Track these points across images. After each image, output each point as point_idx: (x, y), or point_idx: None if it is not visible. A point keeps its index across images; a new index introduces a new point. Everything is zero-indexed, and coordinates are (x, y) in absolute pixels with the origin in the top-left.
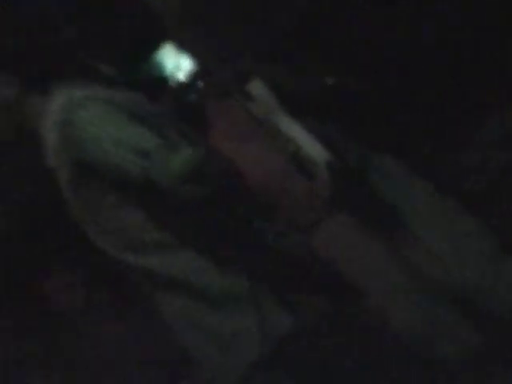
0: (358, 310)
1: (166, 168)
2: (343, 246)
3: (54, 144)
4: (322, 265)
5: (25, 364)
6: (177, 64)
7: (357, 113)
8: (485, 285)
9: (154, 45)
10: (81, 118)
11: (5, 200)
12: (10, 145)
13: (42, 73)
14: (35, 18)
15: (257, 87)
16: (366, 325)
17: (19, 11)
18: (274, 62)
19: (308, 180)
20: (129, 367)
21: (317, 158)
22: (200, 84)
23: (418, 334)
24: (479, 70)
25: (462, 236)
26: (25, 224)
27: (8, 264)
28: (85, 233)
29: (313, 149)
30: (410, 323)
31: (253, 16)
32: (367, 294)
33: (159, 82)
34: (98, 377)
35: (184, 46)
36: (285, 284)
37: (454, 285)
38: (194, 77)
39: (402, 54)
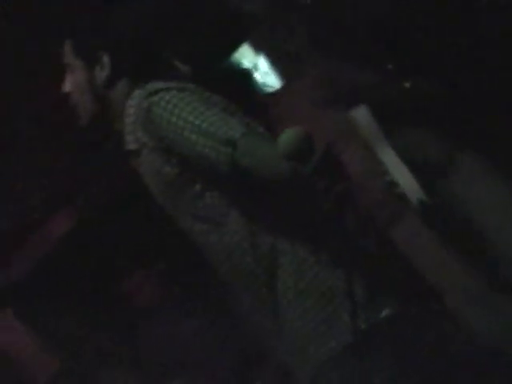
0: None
1: (258, 152)
2: (420, 243)
3: (133, 130)
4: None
5: (104, 361)
6: (254, 64)
7: (437, 114)
8: None
9: (235, 45)
10: (159, 106)
11: (85, 198)
12: (91, 133)
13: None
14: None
15: (362, 114)
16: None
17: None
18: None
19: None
20: (202, 364)
21: (410, 195)
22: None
23: (493, 334)
24: None
25: None
26: (104, 223)
27: (87, 264)
28: (161, 232)
29: (407, 185)
30: (485, 324)
31: (330, 18)
32: (442, 293)
33: (236, 81)
34: (172, 373)
35: (261, 46)
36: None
37: None
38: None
39: (488, 55)
